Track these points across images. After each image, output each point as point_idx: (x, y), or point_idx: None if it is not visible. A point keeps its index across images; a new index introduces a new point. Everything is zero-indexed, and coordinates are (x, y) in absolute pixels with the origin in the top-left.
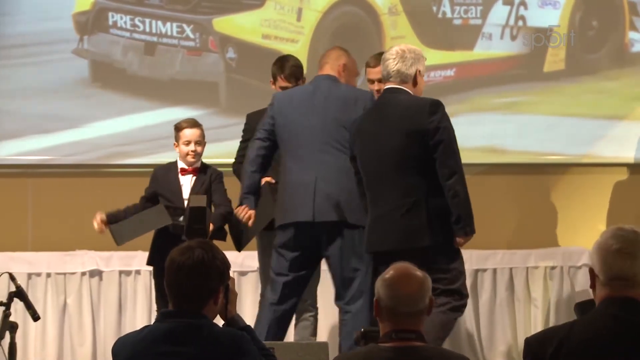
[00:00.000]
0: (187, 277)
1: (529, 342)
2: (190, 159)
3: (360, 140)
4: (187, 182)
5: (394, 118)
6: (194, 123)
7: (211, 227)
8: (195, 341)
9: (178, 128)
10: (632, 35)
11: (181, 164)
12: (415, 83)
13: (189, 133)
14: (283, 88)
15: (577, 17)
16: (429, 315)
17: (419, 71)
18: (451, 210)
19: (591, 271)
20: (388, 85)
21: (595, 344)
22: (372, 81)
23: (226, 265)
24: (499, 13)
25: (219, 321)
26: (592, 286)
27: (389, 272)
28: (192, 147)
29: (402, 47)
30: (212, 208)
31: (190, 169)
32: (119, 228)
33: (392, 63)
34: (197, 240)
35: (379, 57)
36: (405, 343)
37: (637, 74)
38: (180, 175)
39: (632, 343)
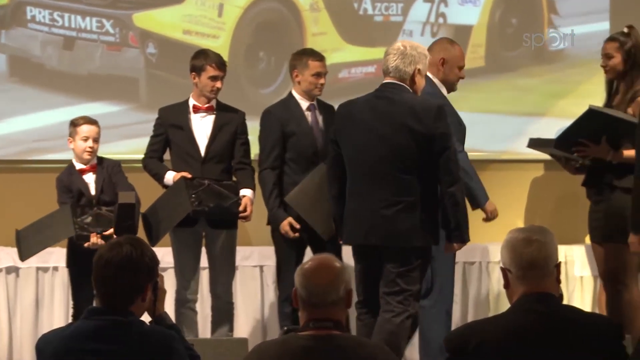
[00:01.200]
0: (115, 273)
1: (450, 337)
2: (86, 155)
3: (350, 129)
4: (91, 180)
5: (398, 115)
6: (92, 120)
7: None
8: (124, 339)
9: (75, 124)
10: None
11: (78, 165)
12: (413, 82)
13: (87, 129)
14: (213, 77)
15: (496, 15)
16: (348, 307)
17: (419, 70)
18: (449, 217)
19: (503, 270)
20: (387, 80)
21: (515, 340)
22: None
23: (155, 261)
24: (420, 10)
25: (146, 318)
26: (506, 285)
27: (308, 263)
28: (90, 143)
29: (405, 43)
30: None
31: (88, 167)
32: (25, 235)
33: (392, 58)
34: (126, 236)
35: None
36: (323, 332)
37: (556, 71)
38: (82, 176)
39: (551, 337)
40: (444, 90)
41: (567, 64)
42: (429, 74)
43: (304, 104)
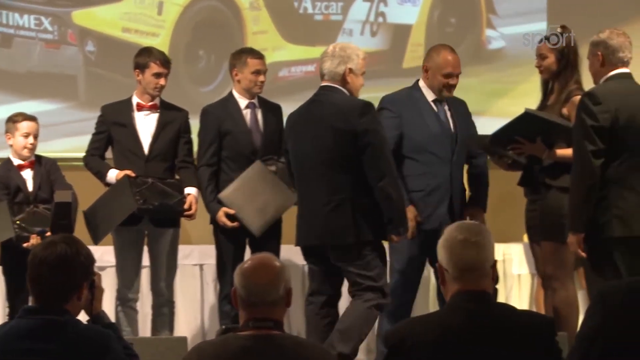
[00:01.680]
0: (50, 272)
1: (388, 335)
2: (26, 152)
3: (293, 136)
4: (29, 177)
5: (326, 117)
6: (31, 116)
7: None
8: (59, 338)
9: (15, 120)
10: (489, 32)
11: (16, 161)
12: (345, 82)
13: (27, 125)
14: (157, 75)
15: (435, 14)
16: (288, 306)
17: (350, 69)
18: (383, 211)
19: (440, 267)
20: (322, 84)
21: (448, 339)
22: None
23: (90, 260)
24: (360, 9)
25: (83, 317)
26: (442, 283)
27: (247, 262)
28: (30, 139)
29: (336, 45)
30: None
31: (27, 163)
32: None
33: (324, 62)
34: (61, 235)
35: None
36: (262, 331)
37: (495, 71)
38: (20, 172)
39: (483, 335)
40: (429, 96)
41: (505, 64)
42: (420, 80)
43: (243, 102)
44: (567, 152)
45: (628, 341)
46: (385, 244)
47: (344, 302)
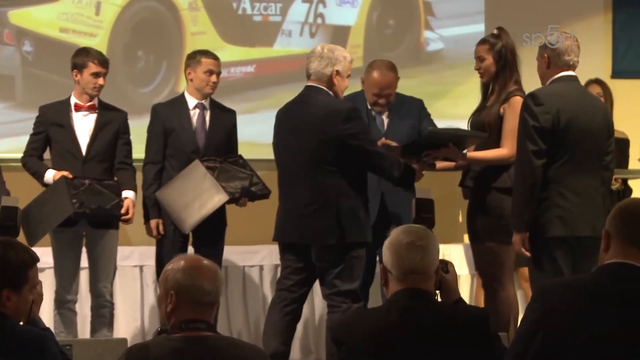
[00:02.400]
0: None
1: (332, 326)
2: None
3: (277, 134)
4: None
5: (311, 120)
6: None
7: None
8: None
9: None
10: (427, 34)
11: None
12: (332, 83)
13: None
14: (95, 74)
15: (374, 16)
16: (215, 308)
17: (337, 71)
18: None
19: (383, 268)
20: (308, 83)
21: (388, 333)
22: None
23: (24, 265)
24: (299, 10)
25: None
26: (385, 283)
27: (183, 261)
28: None
29: (324, 46)
30: None
31: None
32: None
33: (311, 61)
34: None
35: None
36: (195, 333)
37: (433, 72)
38: None
39: (421, 330)
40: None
41: (443, 66)
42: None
43: (192, 102)
44: (480, 154)
45: (566, 335)
46: None
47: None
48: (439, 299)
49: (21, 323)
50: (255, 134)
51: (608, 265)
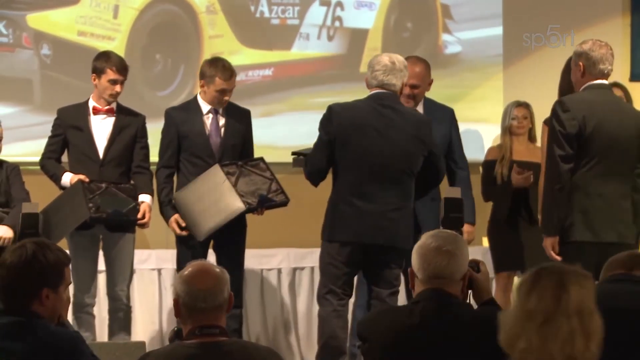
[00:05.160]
0: (9, 274)
1: (358, 325)
2: None
3: (361, 133)
4: None
5: (404, 125)
6: None
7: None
8: (27, 338)
9: None
10: (445, 37)
11: None
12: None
13: None
14: (113, 81)
15: (392, 19)
16: (228, 311)
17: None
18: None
19: (411, 272)
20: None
21: (410, 331)
22: None
23: (59, 265)
24: (316, 14)
25: None
26: (412, 286)
27: (186, 270)
28: None
29: (392, 57)
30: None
31: None
32: None
33: (379, 72)
34: (31, 239)
35: None
36: (210, 339)
37: (451, 76)
38: None
39: (440, 332)
40: None
41: (461, 69)
42: None
43: (206, 107)
44: None
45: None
46: None
47: None
48: (471, 298)
49: None
50: (273, 137)
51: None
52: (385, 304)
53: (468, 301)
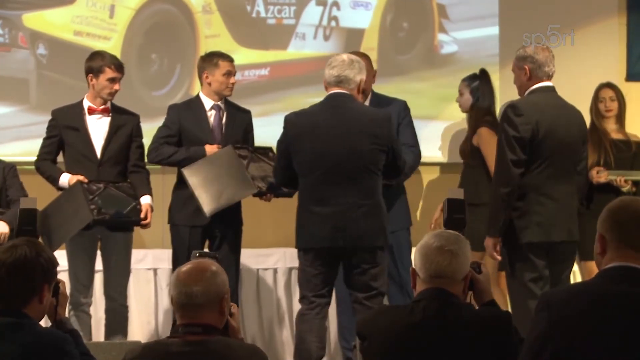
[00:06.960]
0: (8, 274)
1: (357, 324)
2: None
3: (314, 137)
4: None
5: (357, 124)
6: None
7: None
8: (15, 340)
9: None
10: (441, 36)
11: None
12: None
13: None
14: (112, 79)
15: (388, 19)
16: (224, 314)
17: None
18: None
19: (413, 271)
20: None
21: (407, 332)
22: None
23: (51, 263)
24: (312, 13)
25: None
26: (413, 286)
27: (185, 266)
28: None
29: (350, 56)
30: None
31: None
32: None
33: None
34: (23, 238)
35: None
36: (194, 337)
37: (447, 75)
38: None
39: (441, 332)
40: None
41: (457, 68)
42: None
43: (209, 103)
44: None
45: (576, 344)
46: None
47: None
48: (472, 300)
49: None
50: (270, 136)
51: (610, 270)
52: (365, 307)
53: (469, 302)
